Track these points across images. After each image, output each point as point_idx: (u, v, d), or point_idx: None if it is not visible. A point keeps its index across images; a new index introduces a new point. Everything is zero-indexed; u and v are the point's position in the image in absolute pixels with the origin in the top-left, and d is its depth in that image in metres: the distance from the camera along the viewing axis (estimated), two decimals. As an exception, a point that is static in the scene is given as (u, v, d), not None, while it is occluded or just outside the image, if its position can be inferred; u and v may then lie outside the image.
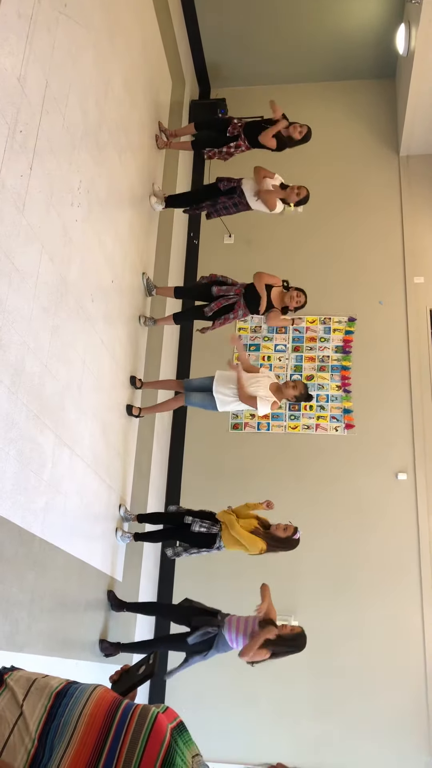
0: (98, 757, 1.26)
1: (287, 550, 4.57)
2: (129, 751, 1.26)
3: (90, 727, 1.30)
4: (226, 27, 7.49)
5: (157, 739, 1.27)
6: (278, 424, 6.63)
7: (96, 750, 1.27)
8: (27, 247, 3.24)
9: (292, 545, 4.56)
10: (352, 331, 6.90)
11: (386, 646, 5.83)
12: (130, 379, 5.22)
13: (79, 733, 1.29)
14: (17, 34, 3.15)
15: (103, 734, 1.29)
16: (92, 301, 4.25)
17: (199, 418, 6.63)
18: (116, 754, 1.26)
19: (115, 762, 1.25)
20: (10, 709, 1.33)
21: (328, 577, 6.02)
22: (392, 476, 6.32)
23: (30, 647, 3.30)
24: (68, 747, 1.28)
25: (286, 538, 4.51)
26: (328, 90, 7.91)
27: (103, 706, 1.34)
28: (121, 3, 4.97)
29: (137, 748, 1.26)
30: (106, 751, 1.27)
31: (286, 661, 4.35)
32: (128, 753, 1.25)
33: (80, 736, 1.28)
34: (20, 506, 3.17)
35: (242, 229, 7.17)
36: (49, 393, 3.52)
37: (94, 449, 4.32)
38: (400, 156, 7.55)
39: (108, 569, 4.71)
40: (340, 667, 5.79)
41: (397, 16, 7.04)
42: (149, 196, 5.83)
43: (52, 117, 3.56)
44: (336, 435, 6.57)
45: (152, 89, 6.08)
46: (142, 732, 1.28)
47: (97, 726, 1.30)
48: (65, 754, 1.27)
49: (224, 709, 5.76)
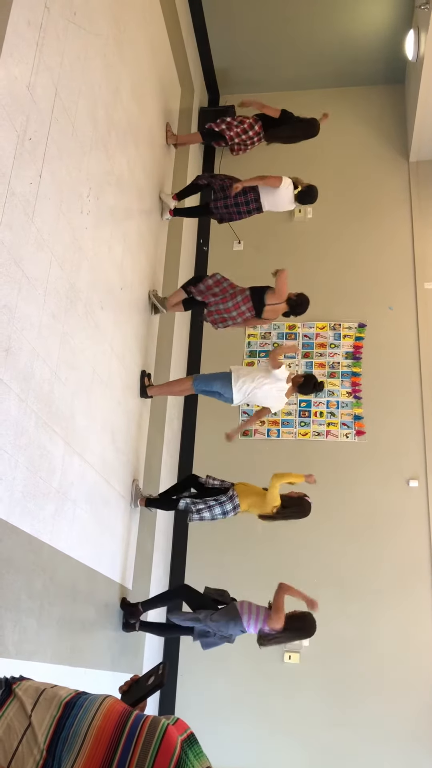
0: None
1: (300, 514, 4.72)
2: (138, 763, 1.24)
3: (99, 739, 1.28)
4: (235, 34, 7.51)
5: (167, 752, 1.25)
6: (288, 431, 6.60)
7: (105, 762, 1.25)
8: (37, 255, 3.24)
9: (306, 507, 4.71)
10: (362, 337, 6.87)
11: (398, 653, 5.77)
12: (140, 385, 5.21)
13: (88, 745, 1.27)
14: (27, 42, 3.16)
15: (112, 746, 1.27)
16: (102, 309, 4.26)
17: (209, 423, 6.62)
18: (125, 767, 1.24)
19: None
20: (19, 720, 1.32)
21: (338, 585, 5.98)
22: (404, 483, 6.27)
23: (39, 655, 3.28)
24: (77, 759, 1.26)
25: (298, 498, 4.70)
26: (337, 96, 7.91)
27: (112, 718, 1.32)
28: (130, 11, 4.99)
29: (147, 761, 1.24)
30: (115, 763, 1.25)
31: (297, 670, 4.32)
32: (138, 766, 1.24)
33: (89, 748, 1.27)
34: (29, 513, 3.16)
35: (251, 235, 7.17)
36: (58, 400, 3.51)
37: (103, 456, 4.31)
38: (410, 161, 7.53)
39: (117, 577, 4.69)
40: (352, 676, 5.74)
41: (406, 21, 7.03)
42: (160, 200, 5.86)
43: (62, 124, 3.57)
44: (347, 442, 6.53)
45: (161, 96, 6.10)
46: (152, 744, 1.26)
47: (106, 738, 1.28)
48: (74, 766, 1.25)
49: (235, 720, 5.72)
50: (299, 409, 6.67)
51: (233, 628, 4.41)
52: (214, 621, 4.42)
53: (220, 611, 4.46)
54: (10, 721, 1.31)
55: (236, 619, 4.38)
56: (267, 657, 5.55)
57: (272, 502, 4.67)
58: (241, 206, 5.64)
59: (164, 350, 5.94)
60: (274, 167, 5.78)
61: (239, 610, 4.41)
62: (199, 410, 6.77)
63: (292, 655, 5.81)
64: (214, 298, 5.38)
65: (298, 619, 4.33)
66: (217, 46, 7.67)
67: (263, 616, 4.36)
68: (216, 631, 4.46)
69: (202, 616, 4.46)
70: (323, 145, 5.72)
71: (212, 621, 4.42)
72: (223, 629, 4.44)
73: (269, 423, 6.58)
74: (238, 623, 4.38)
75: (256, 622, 4.35)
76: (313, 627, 4.33)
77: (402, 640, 5.81)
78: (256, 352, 6.91)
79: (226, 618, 4.40)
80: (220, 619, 4.41)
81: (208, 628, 4.46)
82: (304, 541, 6.03)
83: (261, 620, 4.34)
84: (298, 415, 6.63)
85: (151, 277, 5.65)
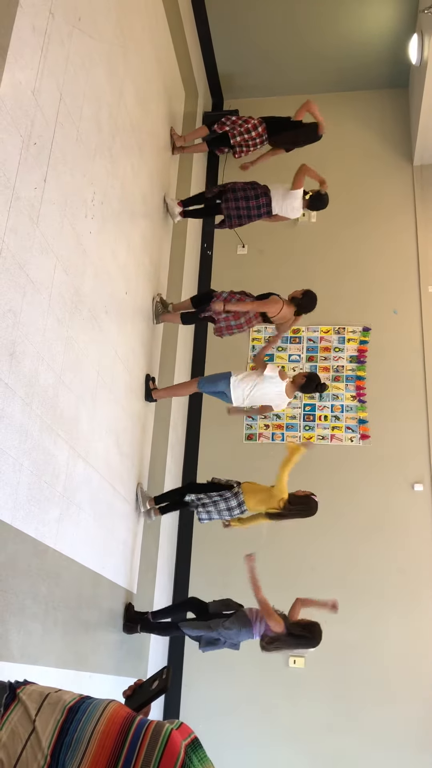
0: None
1: (307, 512, 4.69)
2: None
3: (103, 744, 1.28)
4: (239, 38, 7.53)
5: (171, 757, 1.25)
6: (293, 435, 6.60)
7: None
8: (41, 259, 3.25)
9: (312, 506, 4.69)
10: (366, 341, 6.87)
11: (403, 658, 5.75)
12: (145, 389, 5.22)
13: (92, 750, 1.27)
14: (32, 48, 3.17)
15: (116, 752, 1.27)
16: (106, 313, 4.26)
17: (214, 428, 6.62)
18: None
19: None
20: (23, 725, 1.32)
21: (343, 589, 5.94)
22: (408, 487, 6.25)
23: (44, 660, 3.28)
24: (81, 764, 1.26)
25: (305, 497, 4.67)
26: (340, 100, 7.92)
27: (116, 723, 1.32)
28: (134, 15, 5.01)
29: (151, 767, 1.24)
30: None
31: (302, 674, 4.31)
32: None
33: (93, 754, 1.27)
34: (34, 517, 3.16)
35: (256, 239, 7.18)
36: (63, 404, 3.52)
37: (108, 460, 4.31)
38: (414, 165, 7.53)
39: (122, 581, 4.69)
40: (357, 681, 5.72)
41: (409, 25, 7.04)
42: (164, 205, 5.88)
43: (66, 129, 3.59)
44: (351, 445, 6.52)
45: (165, 100, 6.12)
46: (156, 750, 1.26)
47: (110, 743, 1.28)
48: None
49: (239, 724, 5.70)
50: (304, 412, 6.66)
51: (245, 634, 4.41)
52: (226, 629, 4.42)
53: (232, 619, 4.45)
54: (14, 726, 1.31)
55: (248, 626, 4.38)
56: (272, 661, 5.54)
57: (280, 494, 4.64)
58: (253, 210, 5.65)
59: (169, 354, 5.95)
60: (279, 171, 5.79)
61: (249, 617, 4.40)
62: (203, 414, 6.78)
63: (297, 659, 5.79)
64: (225, 314, 5.35)
65: (301, 627, 4.29)
66: (221, 51, 7.70)
67: (266, 622, 4.35)
68: (227, 638, 4.46)
69: (213, 625, 4.46)
70: (327, 149, 5.72)
71: (224, 629, 4.42)
72: (234, 637, 4.44)
73: (274, 427, 6.57)
74: (249, 630, 4.38)
75: (259, 628, 4.35)
76: (317, 637, 4.27)
77: (408, 646, 5.79)
78: (260, 356, 6.90)
79: (238, 626, 4.40)
80: (232, 627, 4.40)
81: (220, 636, 4.45)
82: (309, 546, 6.02)
83: (263, 626, 4.33)
84: (302, 418, 6.63)
85: (156, 282, 5.66)
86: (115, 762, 1.26)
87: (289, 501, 4.66)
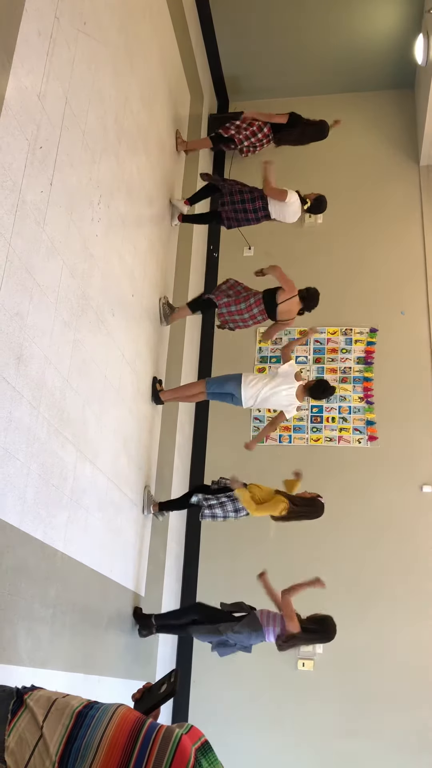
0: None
1: (312, 515, 4.68)
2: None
3: (112, 749, 1.27)
4: (244, 40, 7.53)
5: (181, 763, 1.24)
6: (300, 437, 6.58)
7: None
8: (48, 262, 3.25)
9: (318, 508, 4.67)
10: (373, 342, 6.84)
11: (413, 662, 5.71)
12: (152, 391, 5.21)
13: (101, 756, 1.26)
14: (37, 52, 3.18)
15: (125, 757, 1.25)
16: (113, 316, 4.26)
17: (220, 430, 6.61)
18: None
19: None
20: (30, 731, 1.31)
21: (352, 591, 5.93)
22: (417, 489, 6.22)
23: (52, 663, 3.27)
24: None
25: (311, 499, 4.67)
26: (346, 101, 7.90)
27: (125, 728, 1.31)
28: (139, 19, 5.01)
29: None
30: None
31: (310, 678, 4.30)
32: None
33: (102, 760, 1.25)
34: (42, 521, 3.16)
35: (262, 241, 7.16)
36: (70, 407, 3.52)
37: (115, 463, 4.31)
38: (420, 166, 7.51)
39: (130, 584, 4.68)
40: (366, 684, 5.69)
41: (415, 26, 7.02)
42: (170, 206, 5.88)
43: (72, 133, 3.59)
44: (359, 447, 6.50)
45: (171, 103, 6.12)
46: (166, 755, 1.25)
47: (119, 748, 1.27)
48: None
49: (248, 727, 5.68)
50: (311, 414, 6.64)
51: (255, 638, 4.39)
52: (236, 633, 4.39)
53: (242, 623, 4.43)
54: (22, 732, 1.30)
55: (258, 629, 4.36)
56: (280, 664, 5.53)
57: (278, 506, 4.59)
58: (249, 213, 5.65)
59: (175, 356, 5.94)
60: (285, 172, 5.78)
61: (260, 621, 4.39)
62: (210, 416, 6.77)
63: (305, 662, 5.77)
64: (227, 299, 5.40)
65: (315, 622, 4.32)
66: (226, 53, 7.69)
67: (280, 623, 4.34)
68: (238, 642, 4.43)
69: (222, 628, 4.43)
70: (333, 149, 5.71)
71: (234, 633, 4.40)
72: (245, 641, 4.42)
73: (281, 429, 6.55)
74: (260, 633, 4.36)
75: (274, 629, 4.34)
76: (332, 631, 4.30)
77: (417, 648, 5.75)
78: (267, 358, 6.90)
79: (248, 629, 4.38)
80: (242, 631, 4.39)
81: (230, 639, 4.43)
82: (317, 548, 5.99)
83: (279, 627, 4.32)
84: (310, 420, 6.61)
85: (162, 284, 5.65)
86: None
87: (295, 503, 4.64)
